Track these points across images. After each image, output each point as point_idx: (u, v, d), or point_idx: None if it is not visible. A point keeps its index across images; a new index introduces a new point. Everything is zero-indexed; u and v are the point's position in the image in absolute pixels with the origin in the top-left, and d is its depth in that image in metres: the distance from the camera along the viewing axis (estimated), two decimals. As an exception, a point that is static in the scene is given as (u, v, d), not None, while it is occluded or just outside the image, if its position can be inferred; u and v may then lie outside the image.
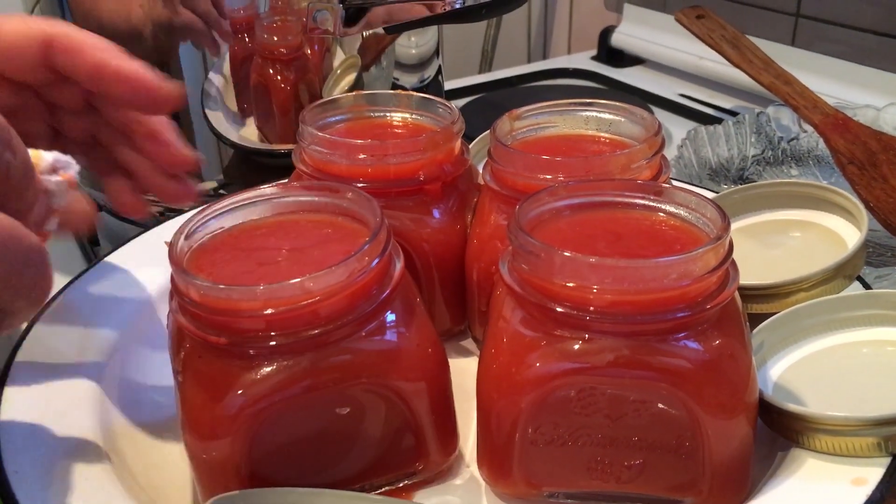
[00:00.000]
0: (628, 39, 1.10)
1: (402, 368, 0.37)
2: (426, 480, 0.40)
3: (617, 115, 0.49)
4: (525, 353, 0.36)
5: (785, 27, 0.95)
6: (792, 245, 0.49)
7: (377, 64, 0.74)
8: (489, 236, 0.47)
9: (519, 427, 0.36)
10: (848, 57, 0.89)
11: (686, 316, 0.34)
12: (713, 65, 0.96)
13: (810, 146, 0.72)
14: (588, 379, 0.35)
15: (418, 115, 0.52)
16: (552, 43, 1.32)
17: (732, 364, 0.35)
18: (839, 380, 0.40)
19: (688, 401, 0.35)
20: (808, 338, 0.42)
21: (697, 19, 0.83)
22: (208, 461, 0.36)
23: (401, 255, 0.39)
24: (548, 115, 0.50)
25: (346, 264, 0.35)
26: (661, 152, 0.46)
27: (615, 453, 0.36)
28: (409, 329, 0.38)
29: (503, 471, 0.38)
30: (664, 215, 0.39)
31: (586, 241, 0.38)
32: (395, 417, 0.38)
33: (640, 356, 0.34)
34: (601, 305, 0.34)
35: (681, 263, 0.34)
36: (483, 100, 1.01)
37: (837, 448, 0.36)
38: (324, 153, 0.47)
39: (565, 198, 0.40)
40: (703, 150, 0.73)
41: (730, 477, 0.36)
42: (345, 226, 0.39)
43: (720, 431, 0.35)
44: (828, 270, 0.44)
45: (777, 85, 0.72)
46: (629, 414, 0.36)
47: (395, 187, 0.46)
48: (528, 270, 0.35)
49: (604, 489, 0.38)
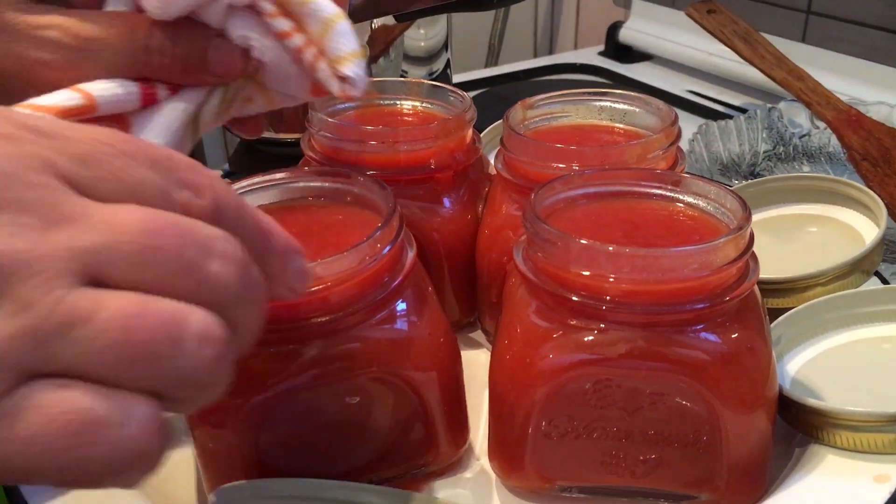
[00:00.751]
0: (637, 35, 1.09)
1: (413, 358, 0.36)
2: (436, 473, 0.40)
3: (632, 104, 0.48)
4: (539, 343, 0.35)
5: (796, 24, 0.94)
6: (808, 239, 0.48)
7: (385, 56, 0.73)
8: (501, 226, 0.46)
9: (532, 419, 0.36)
10: (859, 54, 0.88)
11: (705, 307, 0.33)
12: (722, 61, 0.95)
13: (822, 143, 0.72)
14: (603, 370, 0.34)
15: (429, 104, 0.51)
16: (559, 38, 1.31)
17: (752, 357, 0.34)
18: (858, 375, 0.39)
19: (706, 394, 0.34)
20: (827, 333, 0.41)
21: (708, 14, 0.82)
22: (214, 451, 0.35)
23: (413, 243, 0.38)
24: (561, 105, 0.49)
25: (357, 250, 0.34)
26: (677, 143, 0.45)
27: (630, 447, 0.36)
28: (421, 318, 0.37)
29: (515, 464, 0.37)
30: (682, 205, 0.38)
31: (602, 231, 0.37)
32: (405, 408, 0.37)
33: (656, 348, 0.34)
34: (618, 295, 0.33)
35: (700, 253, 0.33)
36: (489, 94, 1.00)
37: (859, 444, 0.35)
38: (333, 140, 0.46)
39: (581, 186, 0.39)
40: (715, 145, 0.72)
41: (747, 472, 0.35)
42: (356, 212, 0.39)
43: (738, 426, 0.34)
44: (845, 265, 0.43)
45: (789, 81, 0.71)
46: (645, 407, 0.35)
47: (406, 175, 0.46)
48: (543, 259, 0.35)
49: (618, 484, 0.37)
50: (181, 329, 0.21)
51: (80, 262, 0.21)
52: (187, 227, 0.22)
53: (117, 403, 0.20)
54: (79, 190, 0.22)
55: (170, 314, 0.21)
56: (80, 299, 0.20)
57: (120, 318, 0.20)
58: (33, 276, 0.20)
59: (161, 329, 0.21)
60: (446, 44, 0.78)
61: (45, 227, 0.20)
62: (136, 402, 0.21)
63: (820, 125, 0.71)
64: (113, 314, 0.20)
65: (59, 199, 0.21)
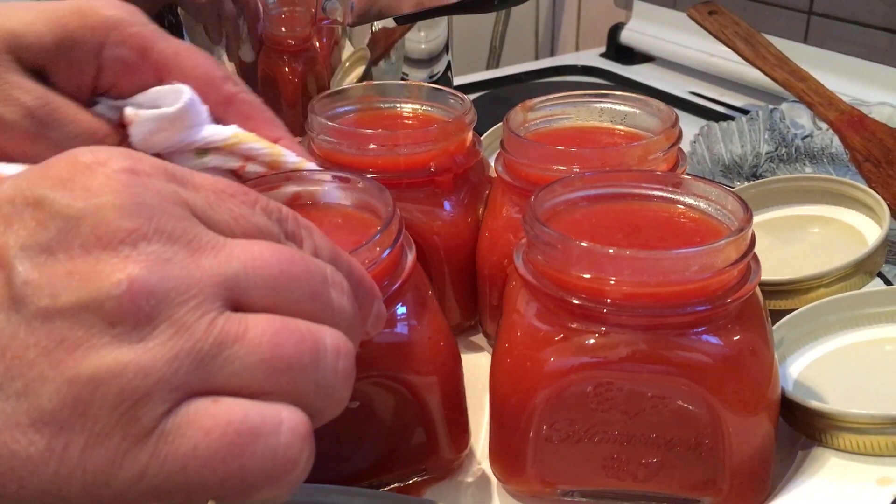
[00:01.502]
0: (638, 36, 1.09)
1: (414, 362, 0.36)
2: (437, 477, 0.39)
3: (632, 106, 0.48)
4: (540, 347, 0.35)
5: (798, 25, 0.94)
6: (811, 241, 0.48)
7: (386, 58, 0.73)
8: (501, 229, 0.46)
9: (533, 423, 0.35)
10: (861, 55, 0.88)
11: (706, 310, 0.33)
12: (724, 62, 0.95)
13: (824, 144, 0.71)
14: (605, 374, 0.34)
15: (429, 107, 0.51)
16: (560, 40, 1.31)
17: (754, 360, 0.34)
18: (861, 377, 0.39)
19: (708, 396, 0.34)
20: (830, 334, 0.41)
21: (710, 15, 0.82)
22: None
23: (413, 247, 0.38)
24: (562, 107, 0.49)
25: (355, 254, 0.34)
26: (677, 144, 0.45)
27: (632, 451, 0.35)
28: (421, 322, 0.37)
29: (516, 468, 0.37)
30: (683, 207, 0.38)
31: (603, 233, 0.37)
32: (406, 412, 0.37)
33: (658, 350, 0.33)
34: (619, 298, 0.33)
35: (702, 255, 0.33)
36: (490, 96, 1.00)
37: (862, 447, 0.35)
38: (333, 143, 0.46)
39: (581, 189, 0.39)
40: (717, 146, 0.72)
41: (750, 476, 0.35)
42: (355, 215, 0.38)
43: (741, 429, 0.34)
44: (848, 266, 0.43)
45: (791, 81, 0.71)
46: (647, 410, 0.35)
47: (406, 178, 0.45)
48: (544, 261, 0.35)
49: (620, 488, 0.37)
50: (319, 344, 0.23)
51: (226, 287, 0.22)
52: (309, 259, 0.24)
53: (268, 413, 0.22)
54: (210, 228, 0.23)
55: (308, 331, 0.23)
56: (229, 321, 0.22)
57: (268, 334, 0.22)
58: (188, 301, 0.21)
59: (303, 343, 0.23)
60: (447, 46, 0.78)
61: (193, 256, 0.22)
62: (285, 411, 0.22)
63: (822, 126, 0.70)
64: (261, 332, 0.22)
65: (201, 232, 0.23)
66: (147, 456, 0.20)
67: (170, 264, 0.21)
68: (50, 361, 0.20)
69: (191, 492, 0.21)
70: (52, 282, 0.21)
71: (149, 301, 0.21)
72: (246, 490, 0.22)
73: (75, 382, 0.20)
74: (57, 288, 0.21)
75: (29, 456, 0.20)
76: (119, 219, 0.21)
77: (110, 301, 0.20)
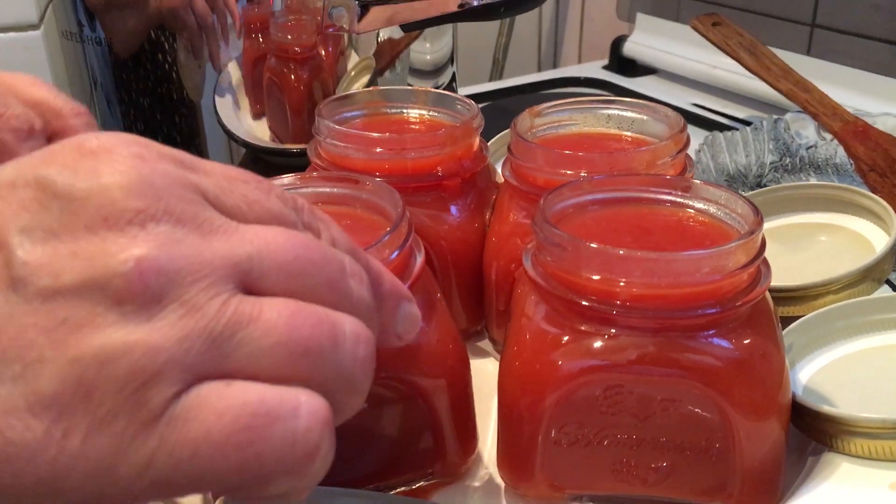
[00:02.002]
0: (641, 49, 1.09)
1: (422, 364, 0.36)
2: (444, 482, 0.39)
3: (640, 113, 0.48)
4: (549, 350, 0.35)
5: (801, 37, 0.94)
6: (818, 248, 0.48)
7: (391, 68, 0.73)
8: (508, 234, 0.46)
9: (542, 427, 0.35)
10: (864, 67, 0.88)
11: (716, 312, 0.33)
12: (727, 74, 0.95)
13: (829, 154, 0.71)
14: (614, 377, 0.34)
15: (436, 112, 0.51)
16: (563, 52, 1.31)
17: (765, 363, 0.34)
18: (871, 383, 0.39)
19: (719, 400, 0.33)
20: (839, 340, 0.41)
21: (713, 26, 0.82)
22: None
23: (422, 249, 0.38)
24: (569, 113, 0.49)
25: (365, 255, 0.34)
26: (685, 149, 0.45)
27: (642, 455, 0.35)
28: (429, 324, 0.37)
29: (525, 472, 0.37)
30: (693, 211, 0.38)
31: (612, 236, 0.37)
32: (414, 415, 0.37)
33: (668, 353, 0.33)
34: (628, 299, 0.33)
35: (712, 258, 0.33)
36: (494, 107, 1.00)
37: (874, 452, 0.34)
38: (340, 147, 0.46)
39: (591, 192, 0.39)
40: (721, 156, 0.72)
41: (761, 480, 0.35)
42: (364, 217, 0.38)
43: (752, 433, 0.34)
44: (856, 273, 0.43)
45: (796, 92, 0.71)
46: (657, 414, 0.34)
47: (413, 182, 0.45)
48: (553, 263, 0.34)
49: (629, 492, 0.36)
50: (337, 328, 0.22)
51: (238, 270, 0.21)
52: (326, 247, 0.23)
53: (286, 396, 0.20)
54: (222, 213, 0.22)
55: (326, 315, 0.22)
56: (242, 302, 0.21)
57: (284, 317, 0.21)
58: (199, 281, 0.20)
59: (321, 326, 0.21)
60: (452, 57, 0.78)
61: (204, 238, 0.21)
62: (303, 395, 0.21)
63: (827, 136, 0.70)
64: (277, 315, 0.21)
65: (212, 216, 0.22)
66: (155, 442, 0.19)
67: (180, 245, 0.20)
68: (51, 342, 0.19)
69: (202, 483, 0.20)
70: (54, 262, 0.19)
71: (158, 279, 0.20)
72: (262, 480, 0.20)
73: (78, 363, 0.19)
74: (59, 268, 0.19)
75: (25, 443, 0.19)
76: (126, 198, 0.20)
77: (117, 279, 0.19)
